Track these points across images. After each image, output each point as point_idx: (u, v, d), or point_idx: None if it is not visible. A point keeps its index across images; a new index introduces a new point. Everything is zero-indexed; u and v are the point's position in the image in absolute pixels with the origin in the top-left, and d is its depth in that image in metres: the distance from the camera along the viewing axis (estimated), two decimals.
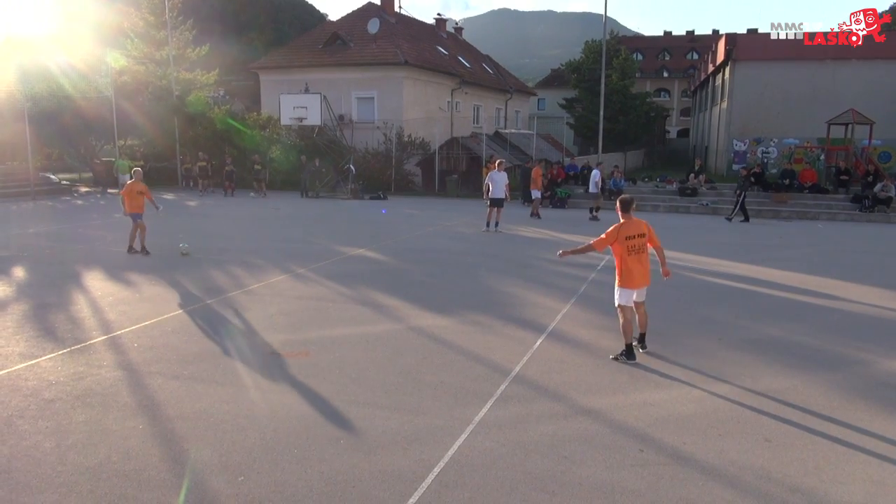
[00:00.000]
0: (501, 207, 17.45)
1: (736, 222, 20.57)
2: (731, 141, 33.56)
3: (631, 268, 7.04)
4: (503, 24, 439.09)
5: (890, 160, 30.20)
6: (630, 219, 7.17)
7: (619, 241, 7.05)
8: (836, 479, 4.65)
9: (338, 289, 10.43)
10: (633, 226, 7.12)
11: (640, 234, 7.11)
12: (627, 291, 7.11)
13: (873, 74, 30.61)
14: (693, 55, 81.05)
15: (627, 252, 7.03)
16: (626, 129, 43.91)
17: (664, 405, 5.94)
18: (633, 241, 7.04)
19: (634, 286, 7.12)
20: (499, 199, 17.26)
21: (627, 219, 7.17)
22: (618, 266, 7.16)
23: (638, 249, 7.06)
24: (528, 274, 12.00)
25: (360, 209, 23.22)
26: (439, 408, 5.81)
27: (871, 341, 8.02)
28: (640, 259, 7.07)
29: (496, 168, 17.72)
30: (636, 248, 7.05)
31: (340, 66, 32.16)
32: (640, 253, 7.07)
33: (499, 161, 18.28)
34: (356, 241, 15.28)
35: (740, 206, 20.77)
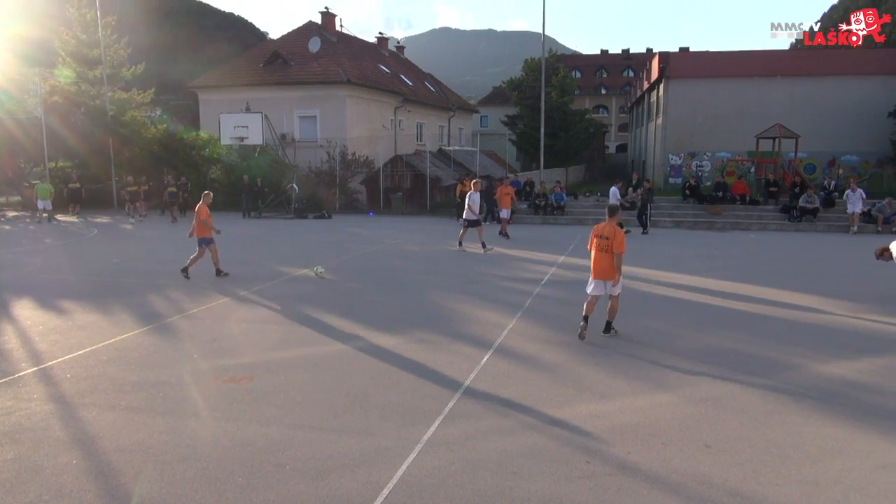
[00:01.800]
0: (480, 226, 17.35)
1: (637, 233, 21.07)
2: (667, 155, 34.70)
3: (595, 260, 8.49)
4: (445, 43, 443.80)
5: (815, 172, 31.76)
6: (607, 223, 8.48)
7: (593, 238, 8.52)
8: (774, 482, 4.81)
9: (282, 311, 10.26)
10: (605, 228, 8.43)
11: (606, 237, 8.32)
12: (591, 280, 8.60)
13: (796, 90, 32.22)
14: (629, 73, 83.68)
15: (595, 248, 8.47)
16: (567, 144, 44.76)
17: (609, 416, 6.04)
18: (600, 240, 8.40)
19: (594, 276, 8.53)
20: (473, 220, 17.18)
21: (606, 222, 8.50)
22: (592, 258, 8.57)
23: (601, 248, 8.37)
24: (475, 290, 12.06)
25: (304, 229, 22.96)
26: (388, 428, 5.76)
27: (803, 346, 8.36)
28: (602, 256, 8.36)
29: (472, 188, 17.65)
30: (601, 246, 8.38)
31: (282, 85, 31.90)
32: (602, 251, 8.36)
33: (474, 181, 18.34)
34: (300, 261, 15.09)
35: (645, 217, 21.45)
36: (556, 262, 15.24)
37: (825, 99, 32.04)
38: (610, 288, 8.50)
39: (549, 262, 15.07)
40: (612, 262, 8.31)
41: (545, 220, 25.14)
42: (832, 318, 9.90)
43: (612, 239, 8.27)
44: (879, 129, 31.35)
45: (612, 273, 8.35)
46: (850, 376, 7.19)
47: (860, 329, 9.28)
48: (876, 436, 5.62)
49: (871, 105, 31.55)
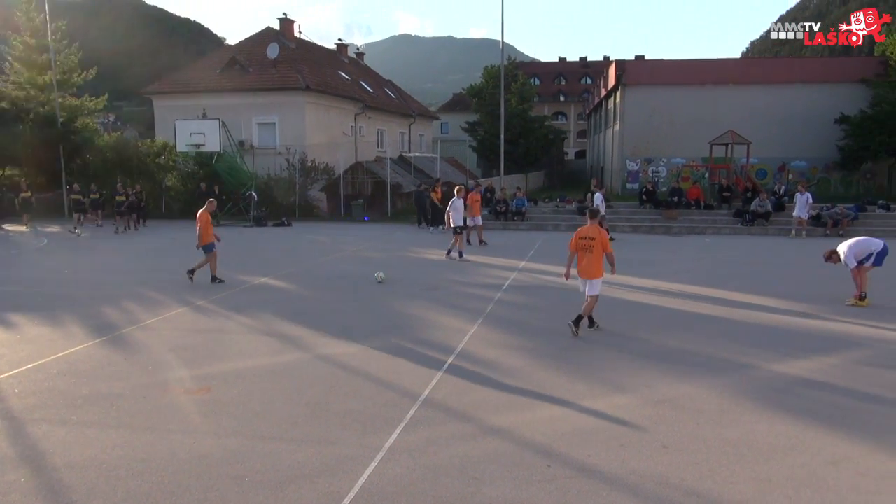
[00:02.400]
0: (460, 234, 17.22)
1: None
2: (624, 161, 35.27)
3: (579, 260, 9.13)
4: (405, 50, 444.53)
5: (766, 177, 32.65)
6: (589, 225, 9.14)
7: (576, 239, 9.12)
8: (729, 480, 4.92)
9: (240, 320, 10.11)
10: (588, 230, 9.07)
11: (591, 238, 8.96)
12: (579, 279, 9.25)
13: (748, 97, 33.09)
14: (587, 80, 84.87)
15: (579, 248, 9.07)
16: (527, 151, 45.24)
17: (569, 419, 6.10)
18: (584, 241, 9.02)
19: (580, 275, 9.17)
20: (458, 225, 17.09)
21: (588, 225, 9.16)
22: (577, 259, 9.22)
23: (585, 248, 8.98)
24: (436, 296, 12.07)
25: (263, 236, 22.67)
26: (348, 437, 5.72)
27: (757, 347, 8.58)
28: (585, 256, 9.01)
29: (456, 195, 17.59)
30: (585, 247, 8.99)
31: (240, 91, 31.48)
32: (586, 251, 8.98)
33: (458, 187, 18.32)
34: (259, 269, 14.90)
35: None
36: (518, 267, 15.34)
37: (775, 106, 32.97)
38: (589, 287, 9.10)
39: (511, 268, 15.17)
40: (596, 262, 8.97)
41: (506, 226, 25.29)
42: (784, 319, 10.18)
43: (596, 239, 8.91)
44: (826, 135, 32.39)
45: (596, 272, 9.01)
46: (801, 375, 7.40)
47: (810, 329, 9.56)
48: (826, 432, 5.79)
49: (818, 112, 32.57)
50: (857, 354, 8.22)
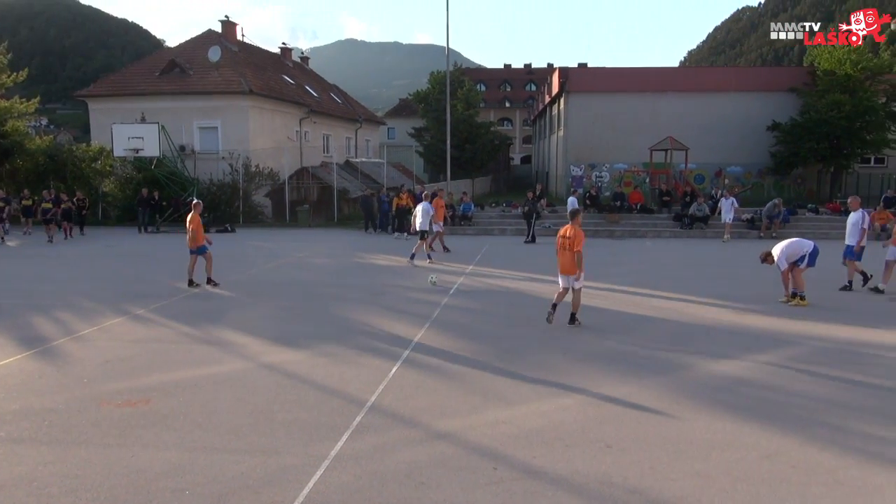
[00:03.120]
0: (425, 238, 17.28)
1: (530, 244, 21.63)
2: (568, 166, 35.91)
3: (559, 258, 9.81)
4: (350, 55, 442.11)
5: (704, 182, 33.75)
6: (569, 225, 9.74)
7: (558, 238, 9.84)
8: (669, 477, 5.04)
9: (181, 329, 9.84)
10: (567, 230, 9.70)
11: (568, 237, 9.58)
12: (560, 275, 9.87)
13: (686, 105, 34.16)
14: (531, 87, 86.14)
15: (559, 246, 9.77)
16: (473, 156, 45.51)
17: (515, 421, 6.15)
18: (562, 240, 9.73)
19: (560, 271, 9.85)
20: (422, 230, 17.15)
21: (569, 225, 9.75)
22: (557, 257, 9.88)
23: (562, 247, 9.68)
24: (383, 301, 12.01)
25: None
26: (293, 446, 5.63)
27: (695, 346, 8.84)
28: (563, 253, 9.66)
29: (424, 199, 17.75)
30: (562, 245, 9.69)
31: (180, 95, 30.72)
32: (564, 249, 9.65)
33: (424, 192, 18.36)
34: (201, 277, 14.52)
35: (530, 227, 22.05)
36: (465, 271, 15.42)
37: (711, 113, 34.14)
38: (573, 282, 9.68)
39: (458, 272, 15.23)
40: (573, 259, 9.50)
41: (453, 231, 25.36)
42: (721, 319, 10.52)
43: (572, 238, 9.50)
44: (760, 142, 33.71)
45: (573, 269, 9.57)
46: (737, 373, 7.66)
47: (746, 328, 9.91)
48: (761, 428, 6.00)
49: (752, 120, 33.88)
50: (789, 352, 8.56)
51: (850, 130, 31.06)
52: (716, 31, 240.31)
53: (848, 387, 7.20)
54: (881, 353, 8.55)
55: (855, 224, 12.98)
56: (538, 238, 22.54)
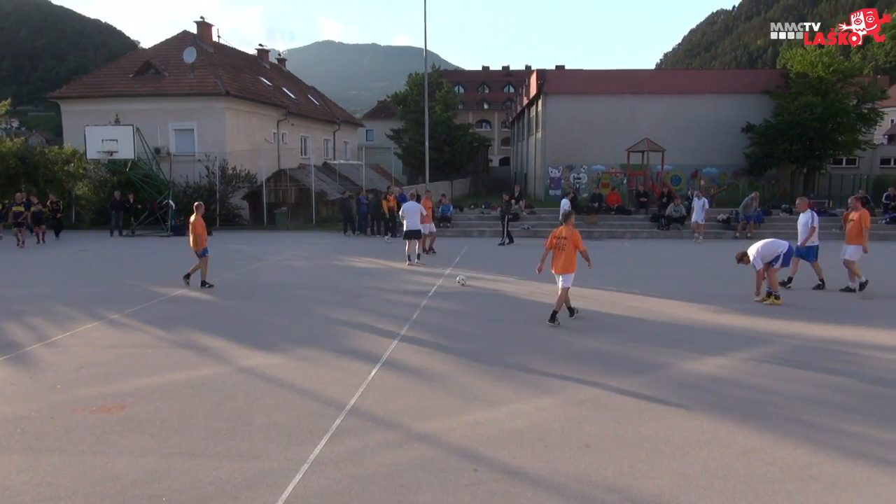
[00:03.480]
0: (418, 238, 17.17)
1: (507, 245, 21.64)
2: (546, 168, 36.10)
3: (554, 257, 10.14)
4: (328, 56, 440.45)
5: (680, 183, 34.13)
6: (563, 226, 10.22)
7: (552, 239, 10.24)
8: (647, 476, 5.08)
9: (158, 333, 9.71)
10: (562, 231, 10.16)
11: (564, 237, 10.01)
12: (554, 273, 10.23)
13: (662, 107, 34.52)
14: (509, 89, 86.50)
15: (554, 247, 10.14)
16: (452, 158, 45.59)
17: (495, 423, 6.16)
18: (559, 240, 10.09)
19: (554, 270, 10.16)
20: (414, 230, 16.96)
21: (562, 226, 10.24)
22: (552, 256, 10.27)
23: (559, 247, 10.04)
24: (361, 304, 11.97)
25: (181, 246, 21.89)
26: (272, 450, 5.58)
27: (673, 346, 8.93)
28: (559, 253, 10.04)
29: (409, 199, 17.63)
30: (559, 245, 10.06)
31: (155, 97, 30.38)
32: (560, 249, 10.02)
33: (411, 192, 18.28)
34: (177, 280, 14.36)
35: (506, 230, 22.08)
36: (444, 273, 15.42)
37: (687, 115, 34.54)
38: (563, 281, 10.06)
39: (437, 274, 15.23)
40: (569, 258, 9.98)
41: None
42: (698, 319, 10.64)
43: (569, 238, 9.98)
44: (734, 143, 34.17)
45: (569, 267, 10.00)
46: (713, 372, 7.75)
47: (723, 327, 10.03)
48: (737, 426, 6.07)
49: (726, 121, 34.34)
50: (764, 350, 8.68)
51: (822, 132, 31.61)
52: (691, 33, 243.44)
53: (822, 384, 7.31)
54: (853, 350, 8.70)
55: (805, 224, 13.41)
56: (517, 239, 22.61)
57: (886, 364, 8.05)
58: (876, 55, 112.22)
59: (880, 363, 8.10)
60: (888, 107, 50.25)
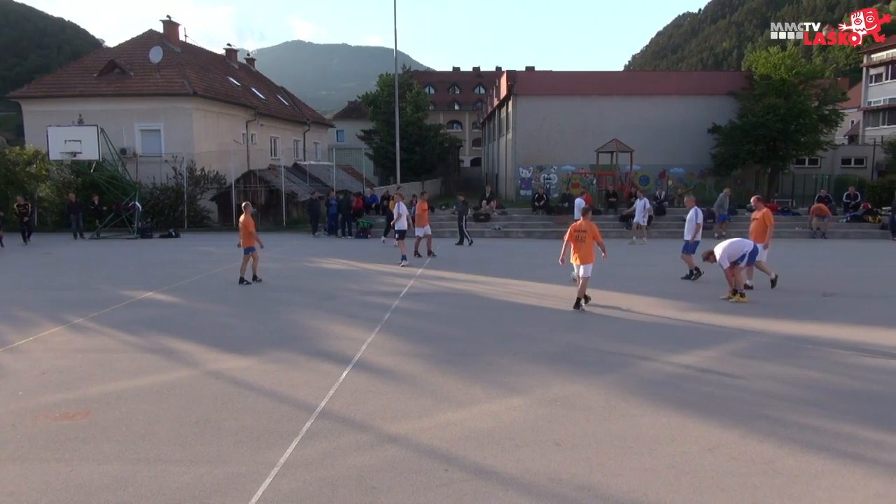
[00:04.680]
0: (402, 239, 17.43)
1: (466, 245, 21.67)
2: (517, 169, 36.26)
3: (575, 249, 11.19)
4: (298, 56, 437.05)
5: (648, 183, 34.55)
6: (582, 220, 11.26)
7: (571, 233, 11.24)
8: (616, 472, 5.15)
9: (124, 337, 9.55)
10: (580, 225, 11.23)
11: (583, 230, 11.08)
12: (574, 265, 11.41)
13: (630, 108, 34.92)
14: (480, 90, 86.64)
15: (574, 240, 11.16)
16: (423, 159, 45.62)
17: (466, 423, 6.18)
18: (578, 233, 11.15)
19: (577, 262, 11.20)
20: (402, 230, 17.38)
21: (581, 220, 11.30)
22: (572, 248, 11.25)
23: (580, 239, 11.09)
24: (332, 305, 11.90)
25: (149, 249, 21.55)
26: (241, 454, 5.53)
27: (641, 344, 9.04)
28: (580, 245, 11.09)
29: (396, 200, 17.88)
30: (579, 238, 11.11)
31: (120, 97, 29.83)
32: (580, 241, 11.09)
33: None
34: (145, 283, 14.15)
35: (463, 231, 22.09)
36: (415, 274, 15.41)
37: (655, 116, 34.98)
38: (584, 271, 11.11)
39: (408, 275, 15.21)
40: (588, 249, 11.03)
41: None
42: (665, 317, 10.79)
43: (588, 231, 11.03)
44: (701, 144, 34.72)
45: (589, 257, 11.06)
46: (680, 369, 7.87)
47: (689, 325, 10.19)
48: (703, 422, 6.18)
49: (693, 122, 34.87)
50: (730, 348, 8.84)
51: (785, 133, 32.27)
52: (658, 36, 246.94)
53: (785, 380, 7.47)
54: (815, 346, 8.90)
55: (690, 220, 14.19)
56: (489, 240, 22.67)
57: (845, 359, 8.26)
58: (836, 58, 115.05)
59: (840, 358, 8.31)
60: (848, 108, 51.54)
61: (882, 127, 54.67)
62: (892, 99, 54.63)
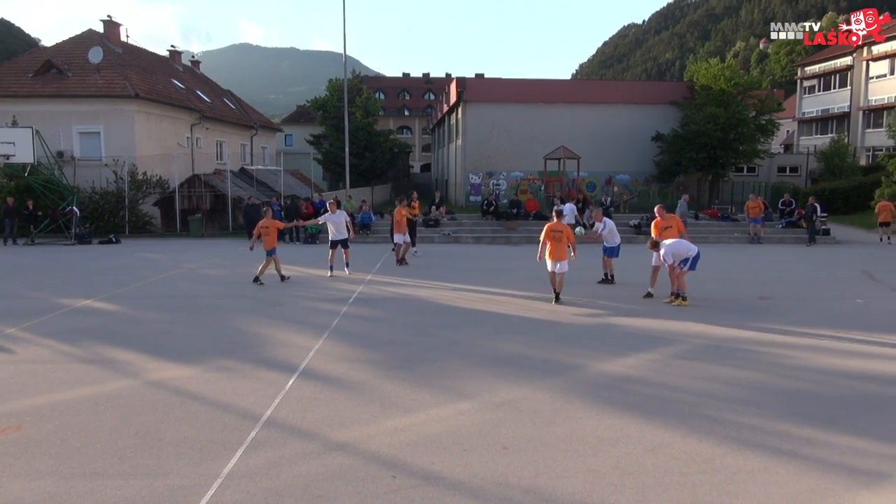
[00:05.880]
0: (347, 248, 16.46)
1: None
2: (467, 174, 36.48)
3: (552, 248, 12.17)
4: (246, 59, 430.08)
5: (595, 189, 35.23)
6: (557, 222, 12.33)
7: (548, 233, 12.21)
8: (562, 475, 5.22)
9: (59, 347, 9.19)
10: (556, 225, 12.24)
11: (560, 231, 12.11)
12: (550, 262, 12.30)
13: (577, 116, 35.57)
14: (430, 96, 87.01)
15: (551, 239, 12.14)
16: (373, 164, 45.42)
17: (414, 429, 6.17)
18: (554, 232, 12.13)
19: (552, 258, 12.19)
20: (342, 239, 16.19)
21: (556, 221, 12.37)
22: (548, 247, 12.21)
23: (556, 238, 12.10)
24: (280, 312, 11.73)
25: (87, 255, 20.82)
26: (183, 466, 5.38)
27: (586, 347, 9.20)
28: (556, 244, 12.10)
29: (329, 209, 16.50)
30: (556, 237, 12.11)
31: (57, 98, 28.78)
32: (557, 241, 12.09)
33: (330, 201, 17.37)
34: (83, 291, 13.66)
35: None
36: (364, 280, 15.31)
37: (601, 124, 35.72)
38: (560, 267, 12.16)
39: (357, 281, 15.11)
40: (563, 248, 12.07)
41: (352, 240, 25.13)
42: (609, 321, 11.00)
43: (563, 231, 12.08)
44: (645, 151, 35.61)
45: (564, 254, 12.13)
46: (624, 371, 8.04)
47: (632, 329, 10.41)
48: (646, 423, 6.32)
49: (638, 130, 35.74)
50: (671, 350, 9.07)
51: (724, 141, 33.41)
52: (604, 45, 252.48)
53: (724, 380, 7.71)
54: (751, 347, 9.22)
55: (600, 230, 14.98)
56: (438, 246, 22.68)
57: (781, 360, 8.58)
58: (773, 70, 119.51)
59: (775, 359, 8.62)
60: (784, 118, 53.72)
61: (815, 136, 57.11)
62: (825, 110, 57.13)
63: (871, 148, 49.31)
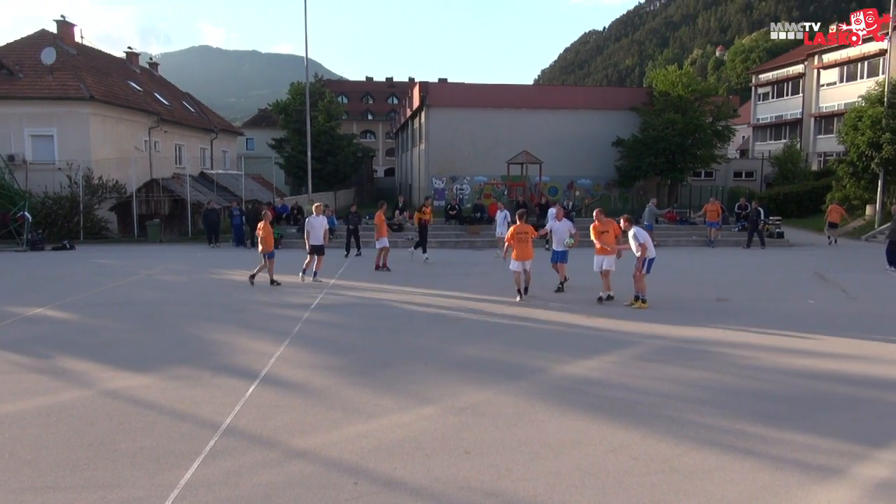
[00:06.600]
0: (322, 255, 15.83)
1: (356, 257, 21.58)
2: (430, 179, 36.52)
3: (519, 249, 12.85)
4: (206, 62, 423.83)
5: (557, 193, 35.59)
6: (522, 224, 13.04)
7: (514, 234, 12.91)
8: (523, 478, 5.24)
9: (9, 357, 8.90)
10: (523, 227, 12.99)
11: (525, 232, 12.89)
12: (516, 262, 13.01)
13: (539, 121, 35.92)
14: (393, 100, 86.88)
15: (517, 240, 12.83)
16: (336, 168, 45.07)
17: (375, 435, 6.13)
18: (520, 234, 12.86)
19: (519, 258, 12.91)
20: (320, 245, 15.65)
21: (521, 223, 13.05)
22: (513, 248, 12.95)
23: (522, 239, 12.81)
24: (241, 319, 11.56)
25: (39, 262, 20.23)
26: (138, 477, 5.26)
27: (547, 350, 9.27)
28: (523, 245, 12.82)
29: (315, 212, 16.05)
30: (522, 238, 12.83)
31: (8, 100, 27.94)
32: (523, 242, 12.81)
33: (315, 205, 16.76)
34: (35, 298, 13.27)
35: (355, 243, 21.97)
36: (327, 285, 15.19)
37: (563, 129, 36.13)
38: (528, 265, 13.02)
39: (319, 287, 14.98)
40: (530, 247, 12.88)
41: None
42: (570, 324, 11.11)
43: (528, 233, 12.93)
44: (606, 156, 36.14)
45: (530, 254, 12.92)
46: (585, 374, 8.12)
47: (593, 331, 10.54)
48: (607, 424, 6.39)
49: (598, 135, 36.26)
50: (631, 352, 9.20)
51: (682, 146, 34.11)
52: (566, 51, 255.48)
53: (682, 381, 7.85)
54: (709, 348, 9.41)
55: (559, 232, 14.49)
56: (402, 251, 22.63)
57: (737, 360, 8.77)
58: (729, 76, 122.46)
59: (732, 359, 8.81)
60: (739, 124, 54.95)
61: (769, 142, 58.67)
62: (778, 116, 58.73)
63: (822, 153, 50.84)
